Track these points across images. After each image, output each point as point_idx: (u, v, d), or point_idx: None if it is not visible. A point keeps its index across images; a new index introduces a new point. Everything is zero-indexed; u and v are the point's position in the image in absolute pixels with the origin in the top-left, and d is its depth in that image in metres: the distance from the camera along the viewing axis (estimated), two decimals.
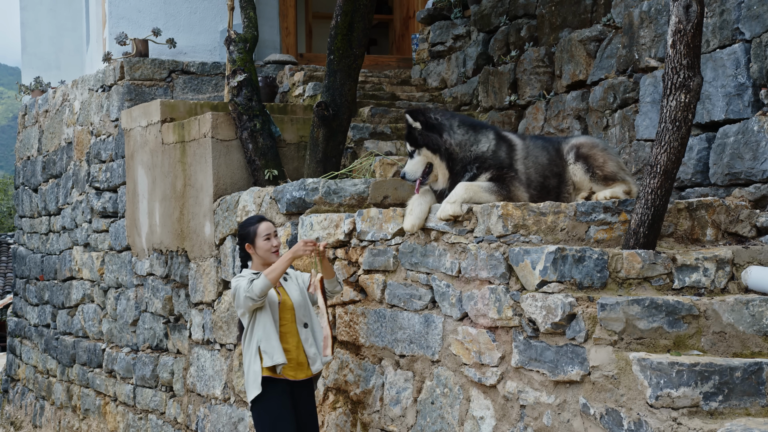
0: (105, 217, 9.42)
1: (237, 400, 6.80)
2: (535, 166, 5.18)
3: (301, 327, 5.23)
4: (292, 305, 5.25)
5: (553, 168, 5.23)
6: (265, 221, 5.28)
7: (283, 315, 5.19)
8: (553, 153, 5.29)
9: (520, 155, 5.17)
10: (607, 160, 5.16)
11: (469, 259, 4.62)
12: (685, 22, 4.22)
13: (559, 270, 4.20)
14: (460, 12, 9.23)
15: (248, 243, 5.25)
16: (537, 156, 5.23)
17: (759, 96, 5.35)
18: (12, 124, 52.94)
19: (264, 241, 5.23)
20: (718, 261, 4.42)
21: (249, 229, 5.27)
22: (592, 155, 5.19)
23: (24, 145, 12.23)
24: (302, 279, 5.41)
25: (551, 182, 5.21)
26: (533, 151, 5.26)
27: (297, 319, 5.23)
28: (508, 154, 5.13)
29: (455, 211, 4.80)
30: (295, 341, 5.20)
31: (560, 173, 5.23)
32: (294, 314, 5.24)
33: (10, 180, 33.40)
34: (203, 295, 7.34)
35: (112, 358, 9.05)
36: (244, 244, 5.27)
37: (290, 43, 10.48)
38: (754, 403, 3.65)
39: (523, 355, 4.30)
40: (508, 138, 5.27)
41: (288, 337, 5.18)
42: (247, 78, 7.58)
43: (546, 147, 5.32)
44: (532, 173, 5.17)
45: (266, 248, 5.23)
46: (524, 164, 5.16)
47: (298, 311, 5.25)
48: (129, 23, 9.73)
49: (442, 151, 5.01)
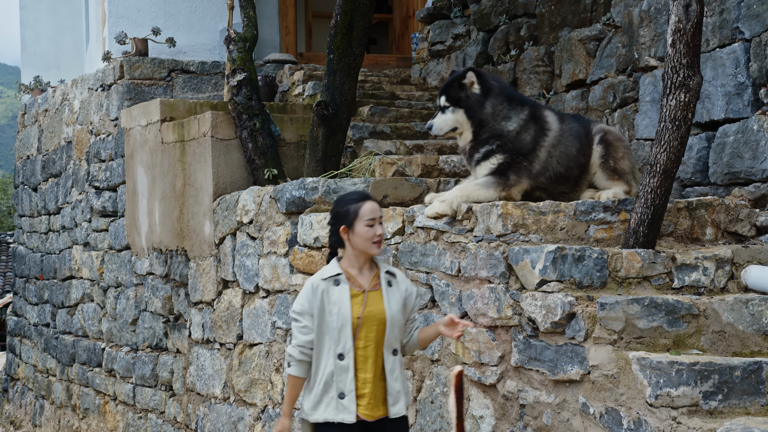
0: (105, 216, 9.42)
1: (236, 399, 6.81)
2: (561, 156, 5.06)
3: (389, 353, 3.95)
4: (384, 320, 3.93)
5: (580, 158, 5.12)
6: (371, 201, 3.99)
7: (367, 333, 3.91)
8: (584, 139, 5.16)
9: (549, 141, 5.04)
10: (624, 157, 5.14)
11: (468, 259, 4.62)
12: (684, 21, 4.22)
13: (559, 269, 4.20)
14: (459, 11, 9.22)
15: (345, 226, 3.96)
16: (568, 145, 5.10)
17: (758, 95, 5.35)
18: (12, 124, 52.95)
19: (366, 228, 3.93)
20: (717, 260, 4.42)
21: (349, 207, 3.97)
22: (614, 145, 5.14)
23: (24, 144, 12.22)
24: (409, 290, 4.08)
25: (573, 173, 5.12)
26: (566, 139, 5.11)
27: (386, 342, 3.95)
28: (534, 138, 5.00)
29: (443, 210, 4.81)
30: (375, 370, 3.93)
31: (585, 163, 5.14)
32: (384, 334, 3.94)
33: (9, 179, 33.41)
34: (203, 294, 7.34)
35: (112, 358, 9.04)
36: (339, 226, 3.98)
37: (290, 42, 10.48)
38: (753, 402, 3.65)
39: (523, 354, 4.30)
40: (545, 119, 5.09)
41: (367, 364, 3.92)
42: (247, 77, 7.57)
43: (579, 133, 5.16)
44: (554, 163, 5.04)
45: (367, 237, 3.93)
46: (549, 152, 5.03)
47: (390, 331, 3.94)
48: (128, 22, 9.73)
49: (476, 120, 4.98)
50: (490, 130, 4.97)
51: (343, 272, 3.97)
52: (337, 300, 3.91)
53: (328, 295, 3.91)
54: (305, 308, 3.93)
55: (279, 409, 6.24)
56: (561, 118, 5.24)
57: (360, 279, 3.98)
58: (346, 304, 3.90)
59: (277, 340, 6.29)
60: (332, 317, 3.89)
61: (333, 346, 3.89)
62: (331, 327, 3.89)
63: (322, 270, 4.00)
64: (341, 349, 3.88)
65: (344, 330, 3.89)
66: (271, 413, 6.33)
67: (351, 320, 3.89)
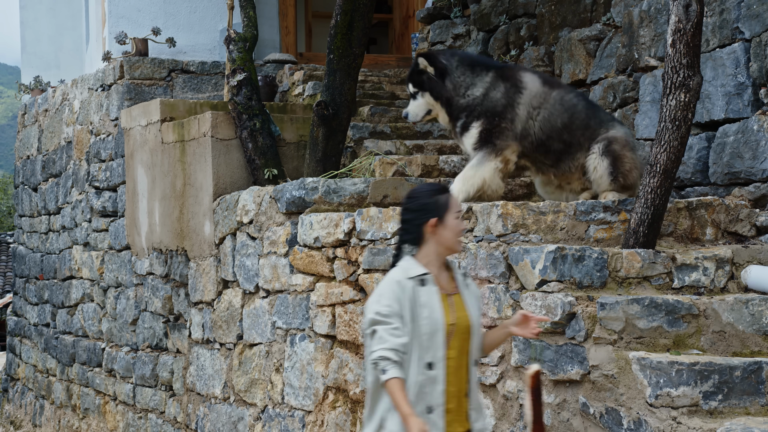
0: (105, 216, 9.42)
1: (236, 400, 6.80)
2: (543, 122, 4.97)
3: (472, 364, 3.59)
4: (469, 327, 3.56)
5: (564, 134, 5.03)
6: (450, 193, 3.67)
7: (455, 341, 3.52)
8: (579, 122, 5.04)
9: (526, 99, 4.97)
10: (633, 168, 5.03)
11: (468, 259, 4.62)
12: (684, 21, 4.22)
13: (559, 269, 4.20)
14: (459, 11, 9.22)
15: (435, 218, 3.55)
16: (554, 113, 4.98)
17: (759, 95, 5.35)
18: (12, 124, 52.93)
19: (456, 221, 3.57)
20: (717, 260, 4.42)
21: (438, 199, 3.58)
22: (621, 157, 5.01)
23: (24, 144, 12.22)
24: (479, 292, 3.77)
25: (554, 145, 5.05)
26: (553, 106, 4.99)
27: (470, 351, 3.57)
28: (506, 95, 4.96)
29: None
30: (459, 383, 3.55)
31: (570, 143, 5.06)
32: (469, 343, 3.57)
33: (9, 179, 33.40)
34: (203, 294, 7.34)
35: (112, 358, 9.04)
36: (425, 219, 3.56)
37: (290, 42, 10.47)
38: (753, 402, 3.65)
39: (523, 354, 4.30)
40: (519, 78, 5.03)
41: (454, 376, 3.52)
42: (247, 77, 7.57)
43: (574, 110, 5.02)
44: (536, 128, 4.97)
45: (458, 231, 3.57)
46: (529, 112, 4.96)
47: (474, 339, 3.59)
48: (128, 22, 9.72)
49: (443, 99, 5.03)
50: (457, 104, 5.04)
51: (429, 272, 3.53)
52: (427, 302, 3.47)
53: (417, 296, 3.47)
54: (394, 309, 3.43)
55: (279, 409, 6.24)
56: (549, 83, 5.13)
57: (440, 280, 3.56)
58: (437, 307, 3.47)
59: (277, 341, 6.29)
60: (423, 321, 3.45)
61: (422, 353, 3.44)
62: (420, 332, 3.44)
63: (403, 268, 3.53)
64: (431, 357, 3.44)
65: (435, 337, 3.45)
66: (271, 413, 6.33)
67: (444, 326, 3.46)
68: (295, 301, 6.08)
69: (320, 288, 5.79)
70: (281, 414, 6.21)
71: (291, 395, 6.10)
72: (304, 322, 5.99)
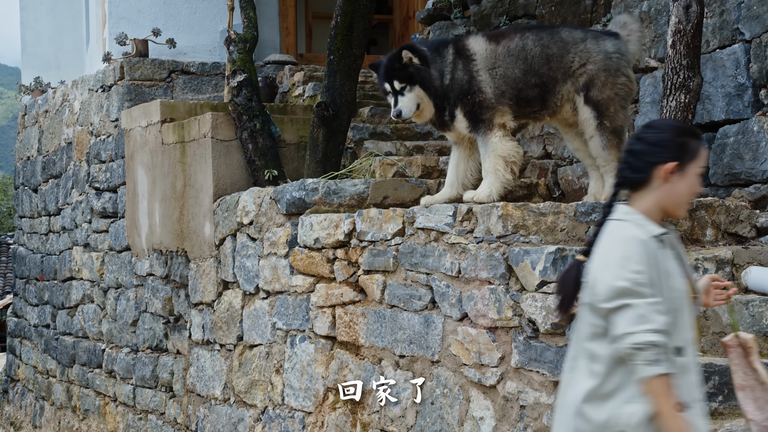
0: (105, 217, 9.42)
1: (237, 401, 6.80)
2: (504, 78, 4.92)
3: None
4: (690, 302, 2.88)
5: (530, 79, 4.94)
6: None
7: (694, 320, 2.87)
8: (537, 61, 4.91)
9: (479, 65, 4.93)
10: (618, 110, 4.94)
11: (468, 260, 4.62)
12: (685, 22, 4.22)
13: (559, 270, 4.20)
14: (460, 12, 9.22)
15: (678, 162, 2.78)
16: (507, 68, 4.92)
17: (759, 96, 5.35)
18: (12, 125, 52.94)
19: (696, 177, 2.83)
20: (717, 261, 4.42)
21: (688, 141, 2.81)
22: (604, 102, 4.92)
23: (24, 145, 12.22)
24: None
25: (529, 93, 4.96)
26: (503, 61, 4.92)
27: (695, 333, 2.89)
28: (464, 70, 4.93)
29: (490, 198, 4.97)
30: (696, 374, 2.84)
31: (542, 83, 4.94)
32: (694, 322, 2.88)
33: (9, 180, 33.39)
34: (203, 295, 7.34)
35: (112, 359, 9.04)
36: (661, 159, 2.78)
37: (290, 43, 10.48)
38: None
39: (523, 355, 4.30)
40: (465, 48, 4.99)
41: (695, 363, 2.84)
42: (247, 78, 7.58)
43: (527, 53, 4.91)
44: (503, 86, 4.92)
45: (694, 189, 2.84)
46: (490, 74, 4.92)
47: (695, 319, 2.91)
48: (129, 23, 9.73)
49: (432, 89, 5.01)
50: (442, 92, 5.03)
51: None
52: (672, 270, 2.75)
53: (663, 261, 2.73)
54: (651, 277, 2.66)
55: (279, 410, 6.24)
56: (494, 38, 5.05)
57: None
58: (679, 276, 2.76)
59: (277, 342, 6.29)
60: (674, 294, 2.73)
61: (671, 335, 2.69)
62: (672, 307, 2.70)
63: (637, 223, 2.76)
64: (681, 340, 2.71)
65: (682, 313, 2.74)
66: (271, 414, 6.33)
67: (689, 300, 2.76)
68: (296, 302, 6.08)
69: (320, 289, 5.79)
70: (281, 415, 6.21)
71: (291, 396, 6.10)
72: (304, 323, 5.99)
